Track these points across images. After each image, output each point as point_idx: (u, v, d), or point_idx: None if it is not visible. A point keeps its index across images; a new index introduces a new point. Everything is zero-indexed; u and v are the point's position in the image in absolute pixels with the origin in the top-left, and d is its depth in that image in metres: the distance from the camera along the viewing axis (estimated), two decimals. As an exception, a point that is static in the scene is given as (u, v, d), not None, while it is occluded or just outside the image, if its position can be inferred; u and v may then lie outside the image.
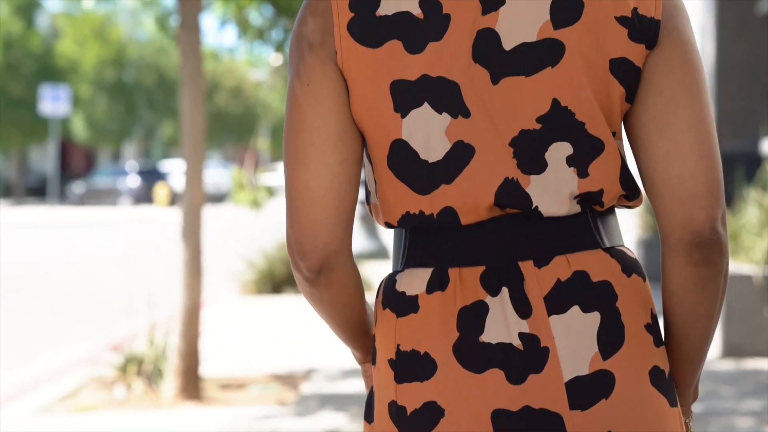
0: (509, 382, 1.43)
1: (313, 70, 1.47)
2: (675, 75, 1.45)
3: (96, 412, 5.97)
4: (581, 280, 1.45)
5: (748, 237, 7.40)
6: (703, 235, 1.45)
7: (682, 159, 1.44)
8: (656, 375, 1.47)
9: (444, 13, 1.45)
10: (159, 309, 7.04)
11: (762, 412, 5.57)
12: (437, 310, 1.46)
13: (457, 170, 1.44)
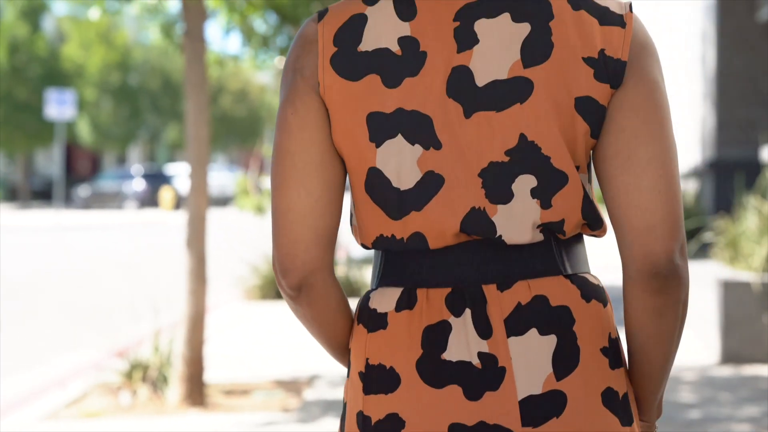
0: (467, 398, 1.51)
1: (298, 99, 1.56)
2: (638, 113, 1.53)
3: (102, 418, 6.04)
4: (540, 304, 1.53)
5: (747, 244, 7.46)
6: (660, 265, 1.51)
7: (641, 193, 1.52)
8: (609, 396, 1.54)
9: (421, 50, 1.53)
10: (164, 315, 7.11)
11: (760, 418, 5.63)
12: (404, 327, 1.55)
13: (427, 198, 1.53)
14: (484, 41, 1.53)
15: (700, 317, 7.89)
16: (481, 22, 1.53)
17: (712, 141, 10.79)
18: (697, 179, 11.65)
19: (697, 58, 11.55)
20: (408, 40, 1.54)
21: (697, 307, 7.98)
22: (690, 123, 12.15)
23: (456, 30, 1.53)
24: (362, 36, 1.55)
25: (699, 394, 6.25)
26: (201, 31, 6.44)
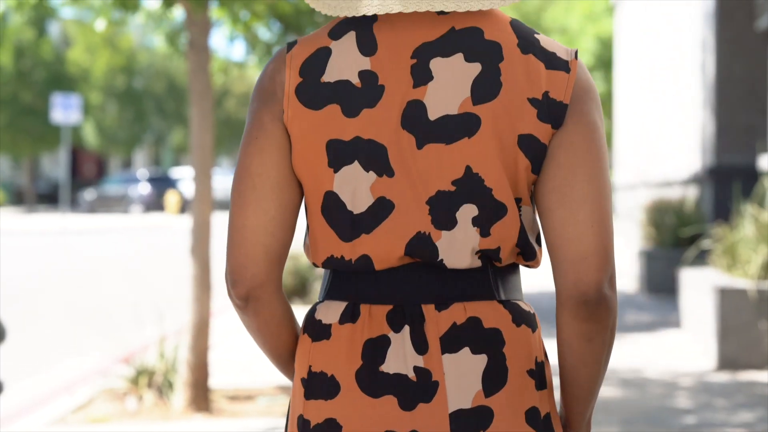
0: (401, 408, 1.63)
1: (263, 124, 1.67)
2: (576, 152, 1.63)
3: (108, 423, 6.14)
4: (474, 325, 1.64)
5: (744, 252, 7.55)
6: (589, 294, 1.61)
7: (575, 226, 1.62)
8: (532, 415, 1.65)
9: (379, 84, 1.64)
10: (169, 321, 7.20)
11: (754, 423, 5.73)
12: (346, 339, 1.67)
13: (377, 222, 1.64)
14: (438, 78, 1.63)
15: (697, 323, 7.98)
16: (436, 61, 1.63)
17: (712, 147, 10.86)
18: (697, 185, 11.72)
19: (697, 64, 11.62)
20: (368, 73, 1.65)
21: (695, 313, 8.07)
22: (690, 129, 12.21)
23: (413, 66, 1.64)
24: (326, 68, 1.65)
25: (695, 399, 6.34)
26: (205, 42, 6.55)
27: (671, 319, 9.77)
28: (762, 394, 6.48)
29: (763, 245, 7.36)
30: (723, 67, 10.69)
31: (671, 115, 13.80)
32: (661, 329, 9.23)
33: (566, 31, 32.40)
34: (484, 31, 1.64)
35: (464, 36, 1.64)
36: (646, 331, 9.10)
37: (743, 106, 10.63)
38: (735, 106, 10.67)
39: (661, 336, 8.86)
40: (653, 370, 7.31)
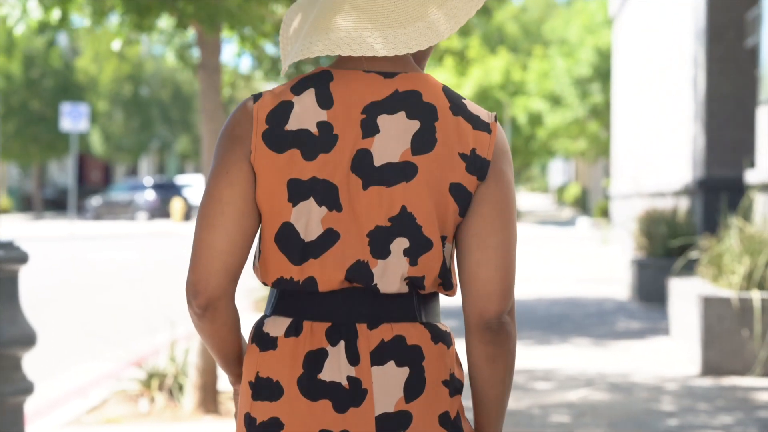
0: (335, 411, 1.92)
1: (233, 162, 1.96)
2: (495, 208, 1.95)
3: (121, 424, 6.47)
4: (399, 342, 1.94)
5: (729, 263, 7.88)
6: (492, 322, 1.95)
7: (488, 268, 1.94)
8: (444, 418, 1.96)
9: (334, 133, 1.94)
10: (180, 327, 7.53)
11: (732, 426, 6.07)
12: (290, 350, 1.95)
13: (324, 250, 1.93)
14: (383, 132, 1.94)
15: (684, 331, 8.32)
16: (382, 117, 1.94)
17: (702, 161, 11.20)
18: (688, 197, 12.06)
19: (689, 80, 11.96)
20: (324, 124, 1.94)
21: (682, 321, 8.41)
22: (682, 142, 12.55)
23: (362, 120, 1.94)
24: (289, 118, 1.95)
25: (678, 403, 6.69)
26: (216, 62, 6.89)
27: (660, 326, 10.11)
28: (742, 398, 6.82)
29: (747, 257, 7.69)
30: (713, 83, 11.04)
31: (665, 127, 14.14)
32: (650, 336, 9.57)
33: (566, 42, 32.72)
34: (423, 94, 1.95)
35: (406, 97, 1.95)
36: (636, 338, 9.45)
37: (732, 121, 10.98)
38: (724, 121, 11.02)
39: (650, 342, 9.20)
40: (640, 375, 7.65)
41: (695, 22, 11.53)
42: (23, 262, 4.02)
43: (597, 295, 12.97)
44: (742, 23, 10.91)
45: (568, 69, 30.37)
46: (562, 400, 6.79)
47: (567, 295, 12.95)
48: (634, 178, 17.22)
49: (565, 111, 31.33)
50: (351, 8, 1.95)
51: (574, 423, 6.14)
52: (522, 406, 6.54)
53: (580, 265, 17.12)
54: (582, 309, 11.57)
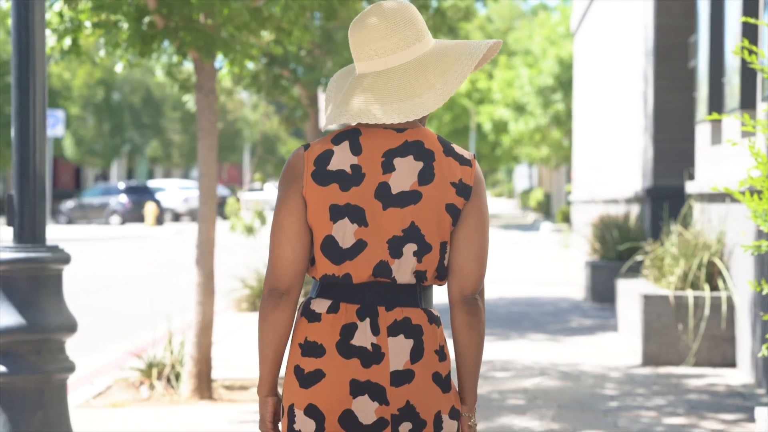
0: (362, 366, 2.71)
1: (290, 195, 2.76)
2: (476, 218, 2.77)
3: (125, 407, 7.25)
4: (407, 322, 2.74)
5: (668, 264, 8.78)
6: (469, 298, 2.76)
7: (469, 262, 2.76)
8: (436, 376, 2.76)
9: (362, 172, 2.74)
10: (174, 322, 8.29)
11: (665, 406, 6.95)
12: (330, 322, 2.74)
13: (356, 254, 2.73)
14: (398, 169, 2.74)
15: (628, 326, 9.22)
16: (397, 159, 2.74)
17: (650, 171, 12.12)
18: (638, 204, 12.98)
19: (640, 95, 12.87)
20: (355, 166, 2.74)
21: (627, 317, 9.31)
22: (633, 153, 13.47)
23: (382, 162, 2.73)
24: (330, 161, 2.73)
25: (620, 389, 7.57)
26: (212, 85, 7.69)
27: (610, 323, 11.00)
28: (675, 384, 7.72)
29: (683, 260, 8.59)
30: (661, 100, 11.95)
31: (618, 138, 15.05)
32: (600, 332, 10.46)
33: (529, 53, 33.66)
34: (424, 143, 2.78)
35: (413, 145, 2.77)
36: (587, 334, 10.34)
37: (677, 135, 11.89)
38: (670, 134, 11.93)
39: (599, 337, 10.10)
40: (588, 365, 8.54)
41: (645, 43, 12.43)
42: (67, 263, 4.83)
43: (554, 295, 13.85)
44: (686, 46, 11.83)
45: (532, 78, 31.32)
46: (518, 386, 7.66)
47: (527, 296, 13.81)
48: (590, 186, 18.12)
49: (529, 119, 32.28)
50: (364, 89, 2.77)
51: (528, 405, 7.00)
52: (482, 392, 7.39)
53: (541, 268, 17.98)
54: (539, 308, 12.45)
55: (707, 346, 8.27)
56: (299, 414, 2.72)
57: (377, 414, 2.71)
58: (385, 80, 2.76)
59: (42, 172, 4.81)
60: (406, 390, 2.71)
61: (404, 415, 2.72)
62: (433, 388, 2.74)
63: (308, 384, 2.72)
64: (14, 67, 4.83)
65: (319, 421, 2.71)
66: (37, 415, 4.69)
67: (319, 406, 2.71)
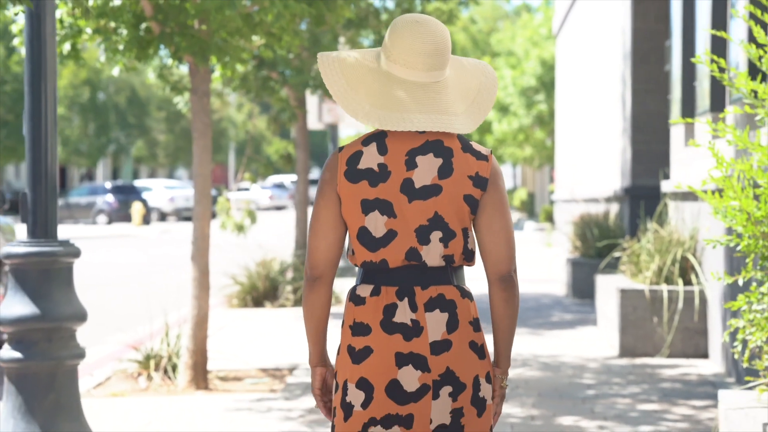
0: (404, 340, 3.06)
1: (326, 192, 3.14)
2: (495, 206, 3.10)
3: (124, 397, 7.57)
4: (441, 298, 3.09)
5: (644, 260, 9.15)
6: (505, 276, 3.13)
7: (496, 244, 3.11)
8: (472, 344, 3.11)
9: (388, 170, 3.10)
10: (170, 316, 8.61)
11: (639, 394, 7.32)
12: (373, 304, 3.09)
13: (388, 242, 3.08)
14: (420, 166, 3.09)
15: (606, 320, 9.59)
16: (419, 157, 3.09)
17: (629, 171, 12.51)
18: (617, 203, 13.37)
19: (618, 97, 13.26)
20: (382, 164, 3.09)
21: (605, 311, 9.69)
22: (612, 153, 13.86)
23: (406, 160, 3.10)
24: (360, 161, 3.10)
25: (597, 378, 7.94)
26: (206, 88, 8.02)
27: (589, 318, 11.38)
28: (649, 374, 8.09)
29: (658, 255, 8.96)
30: (638, 101, 12.33)
31: (598, 139, 15.44)
32: (579, 326, 10.84)
33: (512, 54, 34.07)
34: (443, 141, 3.11)
35: (433, 144, 3.11)
36: (567, 328, 10.71)
37: (654, 136, 12.28)
38: (647, 136, 12.31)
39: (579, 331, 10.47)
40: (568, 356, 8.91)
41: (623, 46, 12.81)
42: (77, 256, 5.17)
43: (537, 291, 14.22)
44: (662, 50, 12.21)
45: (515, 79, 31.73)
46: (499, 376, 8.01)
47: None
48: (572, 185, 18.51)
49: (512, 119, 32.68)
50: (406, 97, 3.07)
51: (510, 394, 7.35)
52: (466, 381, 7.73)
53: (524, 266, 18.33)
54: (522, 304, 12.81)
55: (681, 337, 8.64)
56: (351, 387, 3.07)
57: (420, 381, 3.04)
58: (424, 92, 3.09)
59: (54, 172, 5.15)
60: (446, 357, 3.05)
61: (444, 379, 3.05)
62: (470, 354, 3.09)
63: (359, 360, 3.06)
64: (27, 74, 5.17)
65: (368, 392, 3.05)
66: (50, 398, 5.02)
67: (368, 378, 3.06)
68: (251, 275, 12.68)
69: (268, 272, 12.65)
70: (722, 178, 4.77)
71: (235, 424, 6.66)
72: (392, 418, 3.05)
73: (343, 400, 3.09)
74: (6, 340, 5.13)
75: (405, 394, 3.05)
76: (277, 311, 12.16)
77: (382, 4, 13.11)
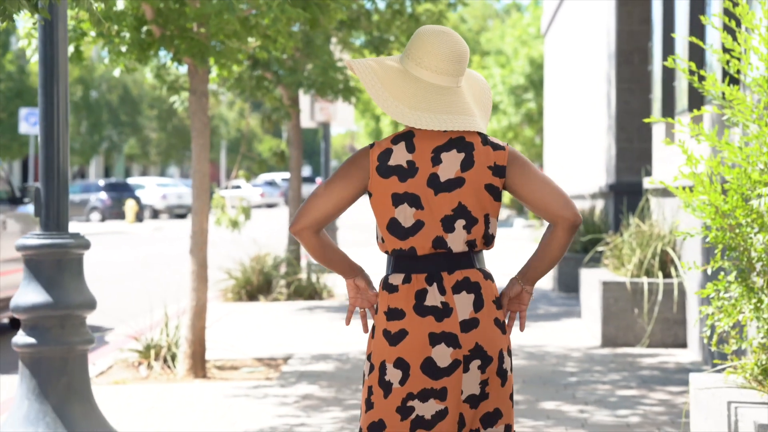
0: (436, 321, 3.34)
1: (348, 172, 3.39)
2: (523, 173, 3.38)
3: (126, 385, 7.89)
4: (467, 280, 3.36)
5: (626, 254, 9.50)
6: (577, 221, 3.37)
7: (546, 196, 3.37)
8: (496, 321, 3.39)
9: (416, 166, 3.35)
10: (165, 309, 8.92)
11: (619, 380, 7.67)
12: (405, 291, 3.36)
13: (416, 231, 3.35)
14: (444, 162, 3.36)
15: (589, 311, 9.94)
16: (443, 154, 3.35)
17: (613, 168, 12.86)
18: (602, 199, 13.72)
19: (603, 96, 13.61)
20: (410, 161, 3.37)
21: (588, 303, 10.03)
22: (598, 150, 14.21)
23: (432, 157, 3.35)
24: (390, 158, 3.36)
25: (579, 366, 8.29)
26: (205, 88, 8.34)
27: (574, 310, 11.74)
28: (630, 362, 8.44)
29: (639, 249, 9.31)
30: (622, 100, 12.68)
31: (585, 137, 15.79)
32: (564, 318, 11.19)
33: (502, 53, 34.42)
34: (465, 137, 3.40)
35: (456, 141, 3.40)
36: (552, 320, 11.06)
37: (638, 135, 12.63)
38: (631, 134, 12.67)
39: (563, 323, 10.83)
40: (552, 346, 9.26)
41: (608, 46, 13.16)
42: (87, 248, 5.49)
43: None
44: (645, 50, 12.56)
45: (504, 78, 32.09)
46: (486, 364, 8.35)
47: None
48: (559, 182, 18.86)
49: (502, 117, 33.04)
50: (435, 98, 3.37)
51: (495, 381, 7.69)
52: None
53: (513, 262, 18.65)
54: (509, 297, 13.16)
55: (660, 328, 8.99)
56: (389, 367, 3.36)
57: (452, 357, 3.33)
58: (449, 95, 3.41)
59: (65, 169, 5.48)
60: (474, 334, 3.35)
61: (474, 354, 3.35)
62: (495, 330, 3.39)
63: (395, 342, 3.35)
64: (40, 77, 5.50)
65: (405, 370, 3.34)
66: (62, 381, 5.35)
67: (405, 357, 3.34)
68: (245, 270, 13.01)
69: (262, 267, 12.99)
70: (692, 174, 5.11)
71: (233, 409, 6.99)
72: (428, 392, 3.33)
73: (381, 379, 3.37)
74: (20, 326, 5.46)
75: (439, 369, 3.33)
76: (271, 305, 12.49)
77: (373, 6, 13.44)
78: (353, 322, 9.69)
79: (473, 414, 3.37)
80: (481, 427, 3.39)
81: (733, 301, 5.16)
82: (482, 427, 3.39)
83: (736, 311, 5.14)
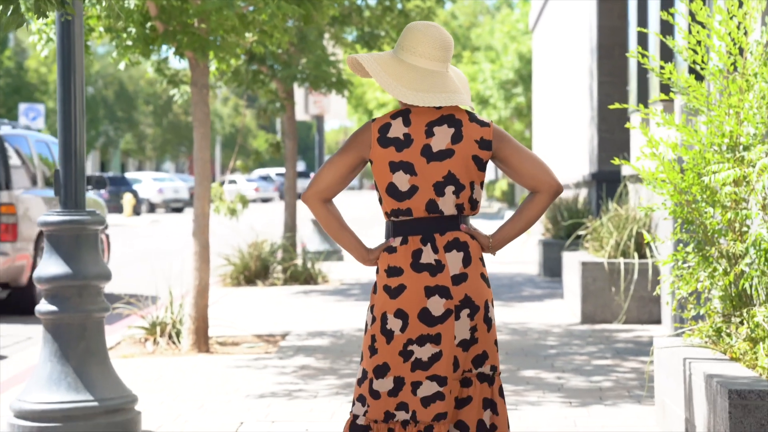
0: (430, 276, 3.76)
1: (352, 147, 3.81)
2: (508, 147, 3.81)
3: (134, 358, 8.41)
4: (456, 240, 3.79)
5: (605, 237, 10.04)
6: (560, 188, 3.82)
7: (534, 166, 3.82)
8: (482, 276, 3.80)
9: (411, 138, 3.77)
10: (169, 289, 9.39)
11: (595, 352, 8.21)
12: (403, 251, 3.78)
13: (412, 195, 3.76)
14: (436, 135, 3.79)
15: (570, 291, 10.49)
16: (436, 127, 3.77)
17: (595, 158, 13.41)
18: (586, 187, 14.27)
19: (587, 88, 14.15)
20: (407, 134, 3.78)
21: (569, 284, 10.57)
22: (582, 141, 14.75)
23: (425, 131, 3.76)
24: (389, 130, 3.79)
25: (559, 341, 8.83)
26: (206, 81, 8.86)
27: (557, 292, 12.27)
28: (606, 337, 8.98)
29: (616, 232, 9.85)
30: (604, 93, 13.22)
31: (570, 128, 16.32)
32: (548, 299, 11.73)
33: (491, 48, 34.95)
34: (455, 115, 3.88)
35: (447, 117, 3.86)
36: (536, 301, 11.60)
37: (618, 126, 13.17)
38: (612, 125, 13.22)
39: (546, 303, 11.37)
40: (534, 323, 9.80)
41: (590, 41, 13.70)
42: (102, 224, 6.02)
43: (511, 271, 15.11)
44: (625, 45, 13.09)
45: (494, 73, 32.61)
46: (472, 339, 8.88)
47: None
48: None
49: (492, 111, 33.56)
50: (429, 81, 3.81)
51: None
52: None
53: (503, 250, 19.25)
54: (497, 282, 13.69)
55: (636, 305, 9.54)
56: (390, 317, 3.78)
57: (444, 307, 3.76)
58: (440, 78, 3.87)
59: (82, 153, 6.00)
60: (464, 287, 3.78)
61: (463, 304, 3.77)
62: (481, 283, 3.83)
63: (395, 295, 3.78)
64: (59, 68, 6.02)
65: (404, 319, 3.77)
66: (81, 346, 5.87)
67: (404, 308, 3.77)
68: (243, 256, 13.52)
69: (260, 253, 13.50)
70: (652, 155, 5.65)
71: (236, 377, 7.52)
72: (425, 338, 3.76)
73: (383, 328, 3.79)
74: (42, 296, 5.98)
75: (433, 318, 3.76)
76: (269, 289, 13.02)
77: (364, 2, 13.96)
78: (346, 303, 10.17)
79: (465, 356, 3.79)
80: (473, 367, 3.82)
81: (691, 269, 5.70)
82: (473, 367, 3.82)
83: (694, 279, 5.67)
